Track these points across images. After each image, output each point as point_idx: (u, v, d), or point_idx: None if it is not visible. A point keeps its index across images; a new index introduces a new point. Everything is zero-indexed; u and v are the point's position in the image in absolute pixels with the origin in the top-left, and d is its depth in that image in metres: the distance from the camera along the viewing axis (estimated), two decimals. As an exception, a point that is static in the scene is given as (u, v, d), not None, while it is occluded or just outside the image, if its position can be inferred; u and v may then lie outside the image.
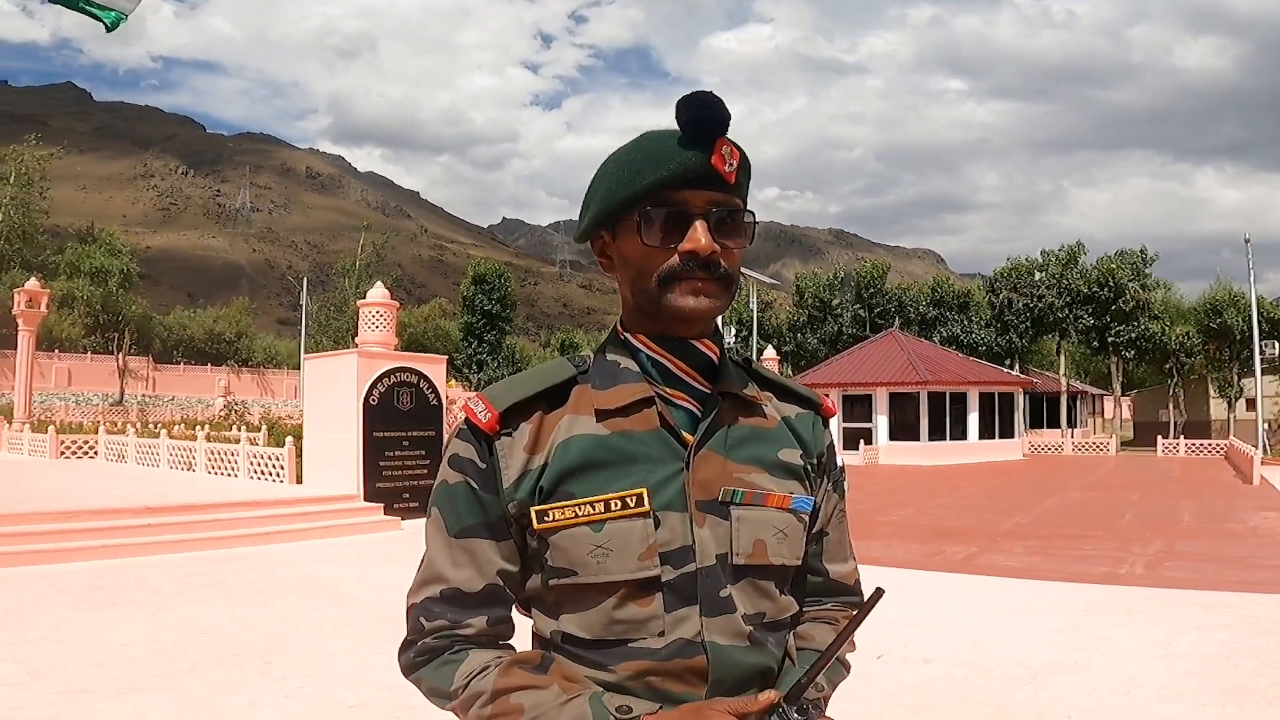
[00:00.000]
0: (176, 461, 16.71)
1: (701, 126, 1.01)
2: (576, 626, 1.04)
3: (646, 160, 1.03)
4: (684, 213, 1.03)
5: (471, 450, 1.07)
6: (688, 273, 1.02)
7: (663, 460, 1.05)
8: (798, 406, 1.20)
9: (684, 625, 1.03)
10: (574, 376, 1.10)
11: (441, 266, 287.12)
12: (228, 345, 72.41)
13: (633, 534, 1.02)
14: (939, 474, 23.15)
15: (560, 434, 1.06)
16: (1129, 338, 42.04)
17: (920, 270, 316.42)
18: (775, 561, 1.09)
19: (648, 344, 1.09)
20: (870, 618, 1.08)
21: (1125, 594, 7.46)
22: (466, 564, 1.06)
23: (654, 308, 1.05)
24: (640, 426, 1.06)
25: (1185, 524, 12.46)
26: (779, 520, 1.09)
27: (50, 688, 4.69)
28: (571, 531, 1.02)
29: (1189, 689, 4.80)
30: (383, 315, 14.73)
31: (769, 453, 1.12)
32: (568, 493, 1.03)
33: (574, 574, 1.03)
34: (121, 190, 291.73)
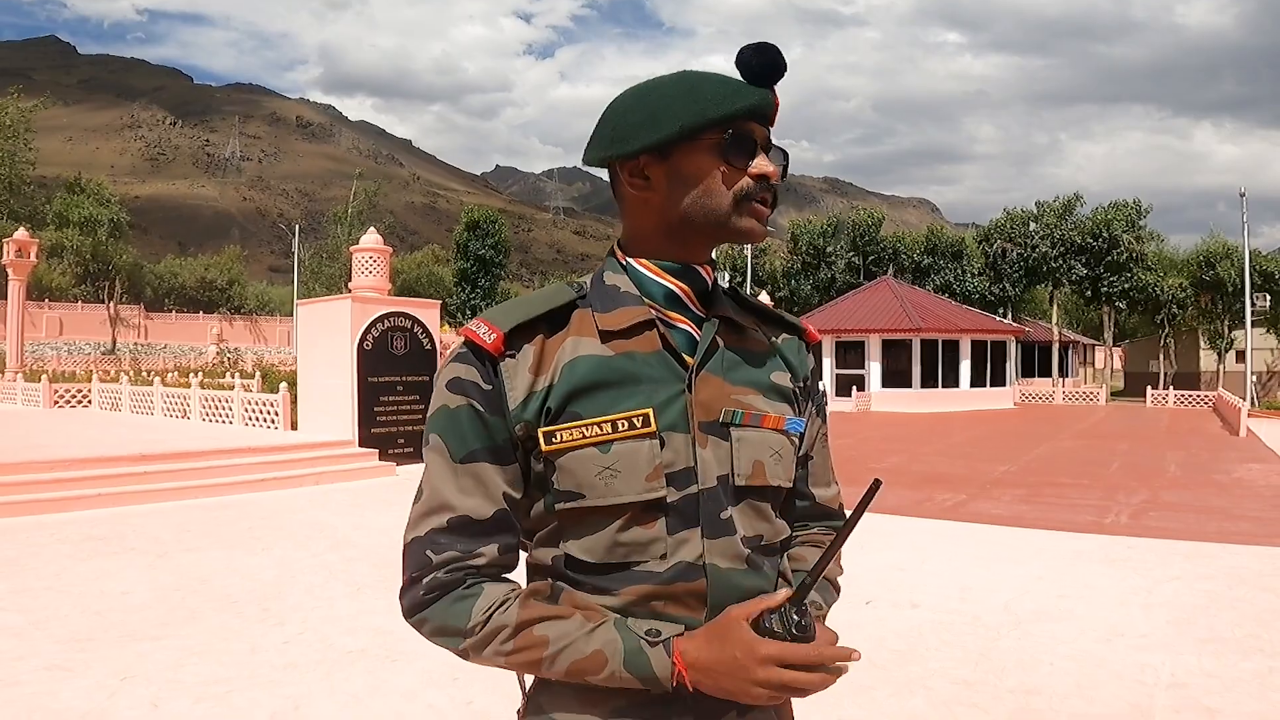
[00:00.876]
0: (171, 409, 16.74)
1: (769, 70, 1.07)
2: (580, 550, 1.05)
3: (729, 89, 1.07)
4: (754, 141, 1.09)
5: (474, 372, 1.06)
6: (760, 192, 1.09)
7: (666, 381, 1.07)
8: (784, 332, 1.24)
9: (685, 548, 1.05)
10: (574, 300, 1.11)
11: (434, 214, 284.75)
12: (220, 293, 72.07)
13: (640, 455, 1.03)
14: (930, 421, 23.33)
15: (565, 355, 1.07)
16: (1122, 289, 42.10)
17: (915, 219, 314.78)
18: (773, 482, 1.11)
19: (653, 269, 1.12)
20: (860, 563, 1.11)
21: (1109, 543, 7.59)
22: (474, 490, 1.05)
23: (719, 224, 1.09)
24: (643, 348, 1.08)
25: (1171, 474, 12.63)
26: (774, 441, 1.12)
27: (53, 636, 4.77)
28: (579, 453, 1.03)
29: (1168, 638, 4.90)
30: (376, 260, 14.66)
31: (762, 375, 1.15)
32: (575, 413, 1.04)
33: (581, 497, 1.04)
34: (109, 141, 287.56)
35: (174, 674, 4.19)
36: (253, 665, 4.35)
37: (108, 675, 4.16)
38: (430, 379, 13.80)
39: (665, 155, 1.09)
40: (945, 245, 47.01)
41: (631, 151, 1.09)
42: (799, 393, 1.20)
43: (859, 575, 6.14)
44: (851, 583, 6.09)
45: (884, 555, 6.95)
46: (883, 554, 7.00)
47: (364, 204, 60.80)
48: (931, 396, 28.85)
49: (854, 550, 6.99)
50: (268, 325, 69.43)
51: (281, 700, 3.90)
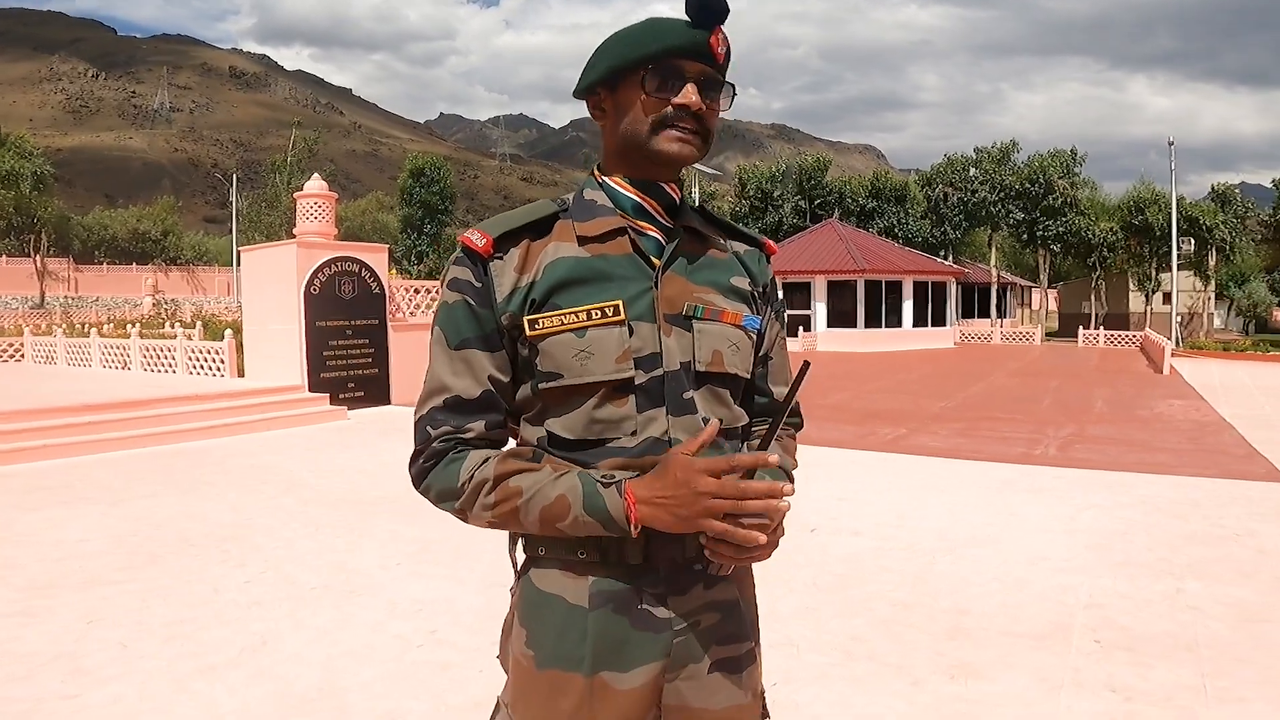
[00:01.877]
0: (109, 360, 16.35)
1: (706, 12, 1.21)
2: (561, 428, 1.22)
3: (659, 32, 1.23)
4: (682, 75, 1.22)
5: (468, 272, 1.24)
6: (678, 119, 1.22)
7: (635, 279, 1.24)
8: (745, 244, 1.42)
9: (653, 425, 1.21)
10: (556, 212, 1.29)
11: (377, 161, 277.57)
12: (153, 244, 69.69)
13: (610, 339, 1.20)
14: (874, 360, 23.83)
15: (548, 257, 1.24)
16: (1056, 232, 43.07)
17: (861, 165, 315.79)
18: (730, 370, 1.28)
19: (622, 184, 1.29)
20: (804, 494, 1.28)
21: (1037, 473, 7.97)
22: (465, 373, 1.22)
23: (641, 150, 1.24)
24: (615, 251, 1.25)
25: (1097, 410, 13.18)
26: (732, 335, 1.29)
27: (12, 585, 4.78)
28: (558, 337, 1.20)
29: (1087, 562, 5.19)
30: (321, 206, 14.40)
31: (722, 278, 1.32)
32: (555, 304, 1.20)
33: (560, 377, 1.20)
34: (25, 94, 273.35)
35: (140, 616, 4.27)
36: (217, 605, 4.44)
37: (73, 619, 4.21)
38: (379, 322, 13.91)
39: (613, 89, 1.27)
40: (889, 190, 47.44)
41: (586, 87, 1.30)
42: (757, 296, 1.37)
43: (803, 505, 6.39)
44: (796, 512, 6.37)
45: (827, 486, 7.24)
46: (826, 485, 7.28)
47: (303, 153, 58.88)
48: (875, 336, 29.43)
49: (799, 481, 7.23)
50: (206, 275, 67.56)
51: (249, 636, 4.00)
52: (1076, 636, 3.99)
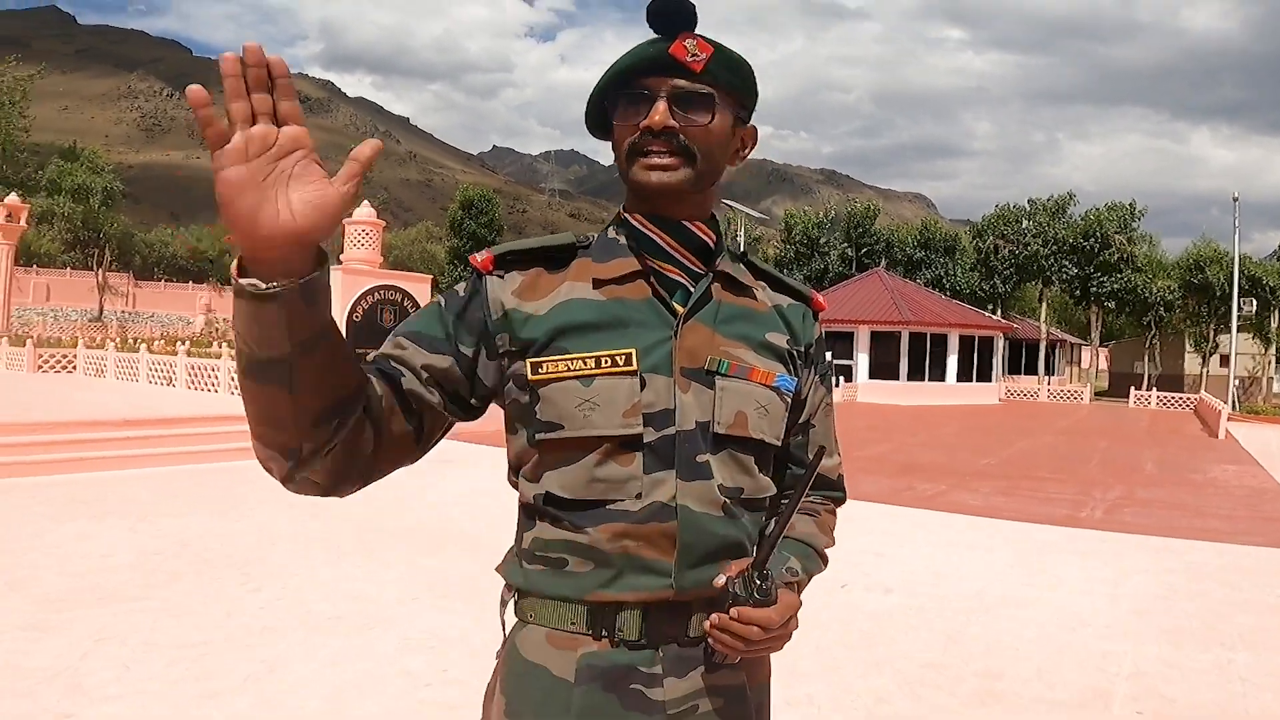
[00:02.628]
0: (156, 376, 16.68)
1: (664, 19, 1.09)
2: (558, 486, 1.09)
3: (622, 56, 1.13)
4: (649, 94, 1.10)
5: (462, 286, 1.15)
6: (646, 143, 1.10)
7: (653, 326, 1.11)
8: (789, 298, 1.27)
9: (660, 488, 1.08)
10: (574, 245, 1.18)
11: (430, 191, 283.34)
12: (210, 263, 71.60)
13: (619, 390, 1.08)
14: (915, 413, 23.44)
15: (560, 296, 1.12)
16: (1111, 289, 42.28)
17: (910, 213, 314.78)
18: (755, 435, 1.14)
19: (641, 221, 1.16)
20: (836, 548, 1.17)
21: (1081, 536, 7.69)
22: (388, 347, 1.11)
23: (627, 183, 1.14)
24: (634, 295, 1.13)
25: (1147, 472, 12.76)
26: (761, 395, 1.15)
27: (30, 597, 4.78)
28: (562, 384, 1.08)
29: (1131, 628, 4.99)
30: (368, 234, 14.63)
31: (756, 332, 1.18)
32: (561, 348, 1.09)
33: (560, 427, 1.08)
34: (104, 110, 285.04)
35: (149, 636, 4.23)
36: (229, 628, 4.39)
37: (83, 636, 4.19)
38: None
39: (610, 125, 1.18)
40: (938, 240, 47.10)
41: (591, 126, 1.21)
42: (797, 355, 1.23)
43: (835, 559, 6.19)
44: (829, 567, 6.14)
45: (861, 540, 7.03)
46: (860, 539, 7.08)
47: (359, 180, 60.34)
48: (918, 389, 28.98)
49: (836, 534, 7.06)
50: (257, 297, 69.05)
51: (256, 663, 3.94)
52: (1118, 706, 3.82)
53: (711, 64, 1.11)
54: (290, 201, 0.83)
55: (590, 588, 1.09)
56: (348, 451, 1.00)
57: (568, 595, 1.10)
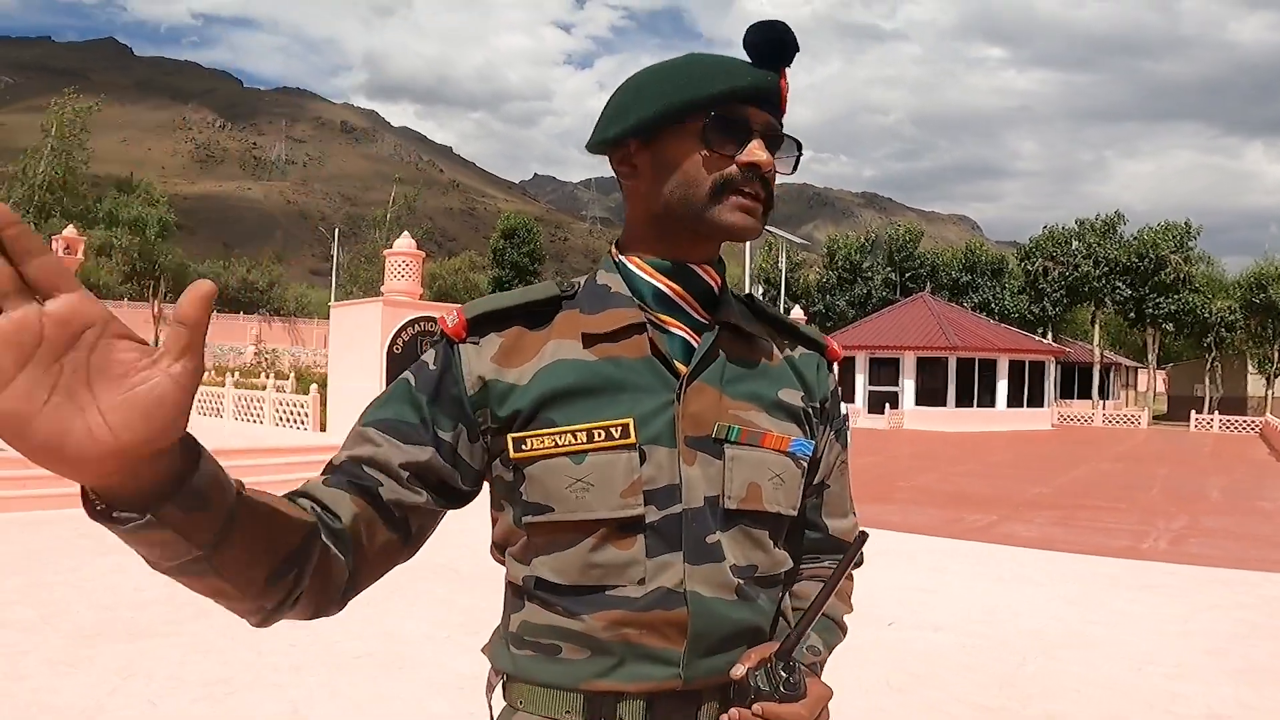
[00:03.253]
0: (204, 408, 16.95)
1: (776, 49, 0.98)
2: (550, 571, 0.96)
3: (721, 69, 0.98)
4: (748, 127, 0.98)
5: (432, 355, 1.00)
6: (746, 182, 0.97)
7: (652, 390, 0.97)
8: (802, 347, 1.13)
9: (666, 573, 0.95)
10: (558, 297, 1.02)
11: (472, 220, 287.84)
12: (260, 294, 73.23)
13: (615, 467, 0.94)
14: (964, 441, 22.93)
15: (544, 358, 0.98)
16: (1168, 311, 41.21)
17: (955, 236, 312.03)
18: (770, 509, 1.00)
19: (643, 267, 1.03)
20: (882, 584, 1.01)
21: (1145, 569, 7.34)
22: (353, 445, 0.95)
23: (695, 216, 0.98)
24: (630, 353, 0.99)
25: (1213, 500, 12.25)
26: (775, 463, 1.01)
27: (60, 631, 4.77)
28: (550, 462, 0.94)
29: (1203, 667, 4.71)
30: (408, 265, 14.72)
31: (768, 390, 1.04)
32: (548, 420, 0.95)
33: (550, 510, 0.95)
34: (161, 141, 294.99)
35: (176, 672, 4.16)
36: (257, 666, 4.30)
37: (110, 672, 4.13)
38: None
39: (650, 141, 1.00)
40: (984, 263, 46.41)
41: (616, 136, 1.02)
42: (813, 413, 1.09)
43: (881, 596, 5.98)
44: (873, 603, 5.95)
45: (908, 576, 6.77)
46: (907, 574, 6.81)
47: (403, 209, 61.58)
48: (966, 416, 28.40)
49: (877, 570, 6.82)
50: (305, 327, 70.36)
51: (282, 703, 3.84)
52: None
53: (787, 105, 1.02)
54: (101, 410, 0.55)
55: (587, 676, 0.94)
56: (321, 586, 0.85)
57: (562, 684, 0.96)
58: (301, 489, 0.90)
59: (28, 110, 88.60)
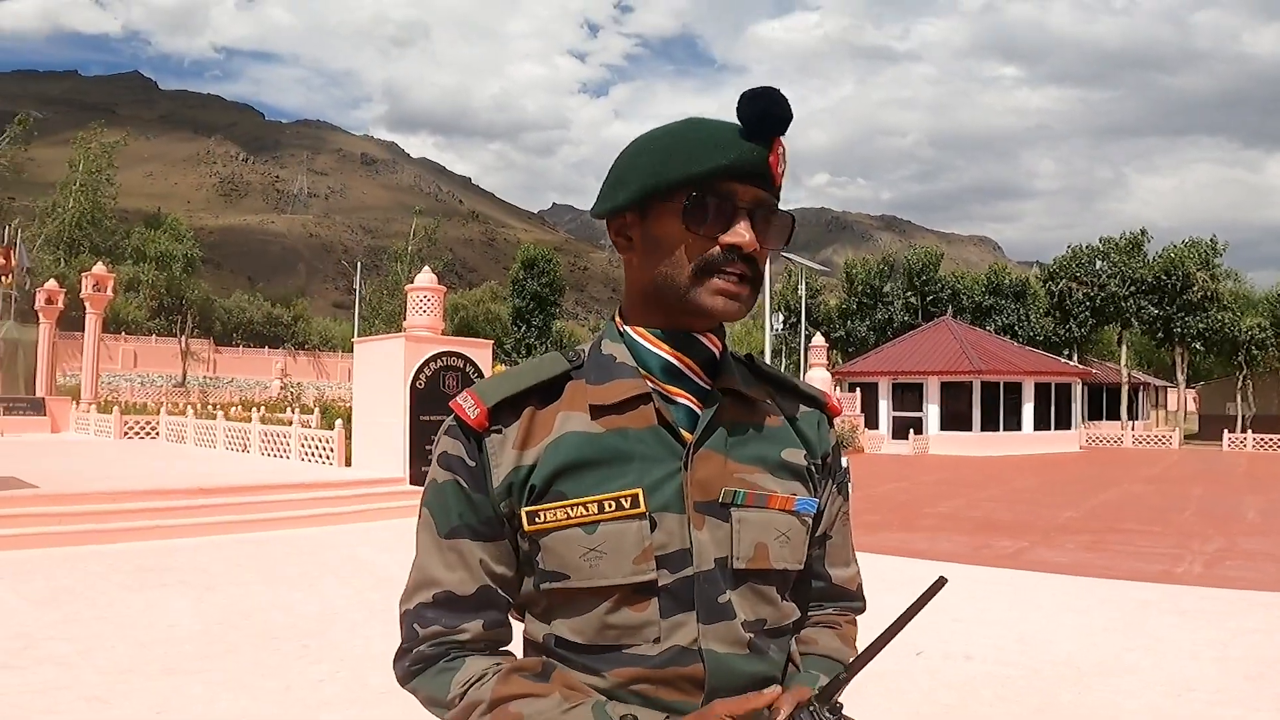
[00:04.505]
0: (232, 443, 17.12)
1: (767, 122, 0.97)
2: (569, 631, 1.00)
3: (707, 143, 0.99)
4: (734, 204, 0.99)
5: (460, 448, 1.03)
6: (728, 264, 0.99)
7: (660, 459, 1.00)
8: (803, 405, 1.16)
9: (680, 632, 0.99)
10: (568, 371, 1.05)
11: (492, 251, 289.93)
12: (285, 328, 74.01)
13: (627, 536, 0.98)
14: (991, 465, 22.70)
15: (553, 432, 1.01)
16: (1197, 329, 40.70)
17: (976, 257, 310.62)
18: (777, 566, 1.04)
19: (647, 337, 1.05)
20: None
21: (1181, 593, 7.22)
22: (457, 565, 1.02)
23: (678, 298, 1.01)
24: (636, 424, 1.01)
25: (1250, 520, 12.04)
26: (781, 523, 1.05)
27: (96, 666, 4.82)
28: (563, 533, 0.98)
29: (1244, 693, 4.63)
30: (429, 299, 14.84)
31: (772, 452, 1.07)
32: (560, 493, 0.99)
33: (565, 578, 0.99)
34: (185, 176, 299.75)
35: (207, 709, 4.19)
36: (286, 703, 4.33)
37: (143, 708, 4.17)
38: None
39: (644, 215, 1.03)
40: (1008, 285, 46.14)
41: (609, 210, 1.05)
42: (815, 470, 1.12)
43: (910, 625, 5.91)
44: (902, 633, 5.84)
45: (937, 604, 6.67)
46: (936, 603, 6.71)
47: (424, 241, 62.26)
48: (992, 440, 28.10)
49: (904, 599, 6.74)
50: (329, 361, 70.96)
51: (312, 740, 3.85)
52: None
53: (784, 176, 1.03)
54: None
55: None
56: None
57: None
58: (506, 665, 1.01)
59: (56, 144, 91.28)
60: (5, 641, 5.27)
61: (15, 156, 52.37)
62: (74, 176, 54.23)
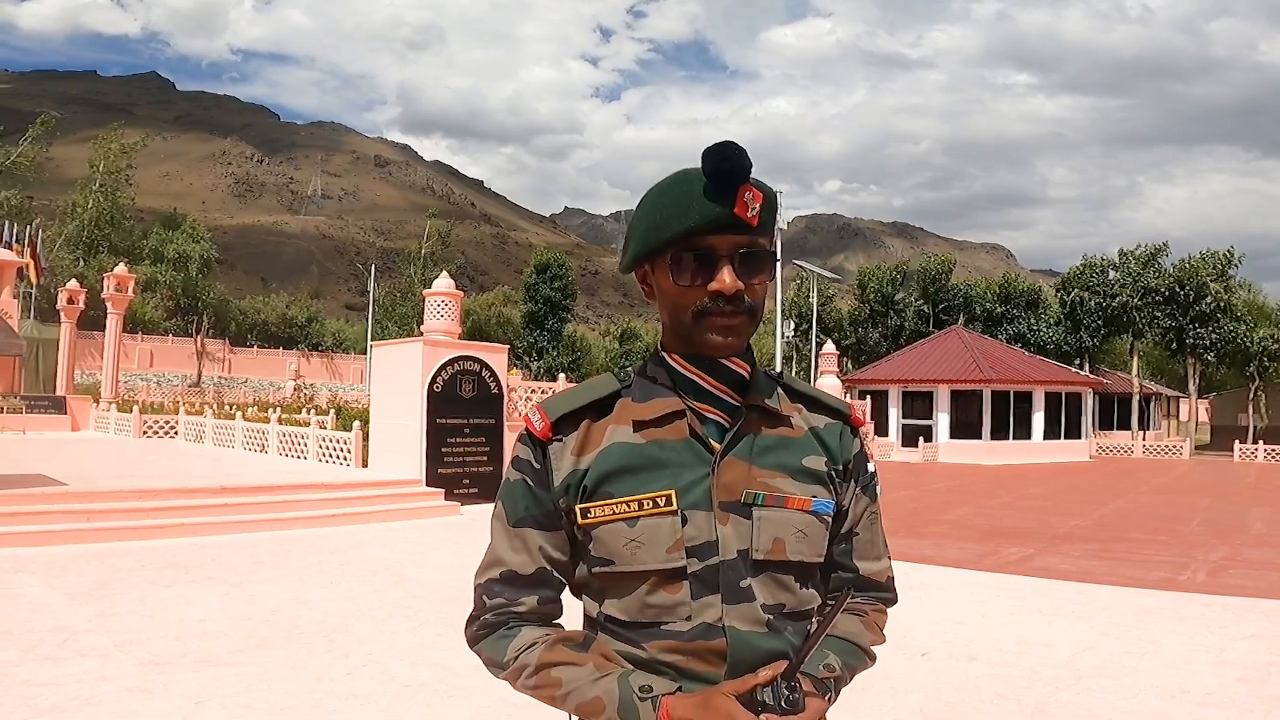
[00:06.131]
0: (250, 443, 17.37)
1: (725, 177, 1.14)
2: (616, 610, 1.22)
3: (676, 208, 1.17)
4: (711, 255, 1.17)
5: (529, 453, 1.27)
6: (716, 309, 1.18)
7: (691, 465, 1.21)
8: (826, 417, 1.34)
9: (707, 611, 1.19)
10: (618, 390, 1.28)
11: (505, 254, 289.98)
12: (299, 329, 74.38)
13: (661, 529, 1.19)
14: (1000, 474, 22.75)
15: (604, 442, 1.23)
16: (1209, 340, 40.55)
17: (989, 265, 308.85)
18: (794, 558, 1.23)
19: (681, 363, 1.26)
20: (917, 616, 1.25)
21: (1183, 600, 7.34)
22: (521, 550, 1.25)
23: (687, 339, 1.22)
24: (672, 436, 1.22)
25: (1255, 531, 12.11)
26: (799, 521, 1.23)
27: (135, 659, 5.03)
28: (609, 526, 1.20)
29: (1237, 696, 4.77)
30: (447, 305, 15.06)
31: (793, 460, 1.26)
32: (607, 493, 1.20)
33: (611, 563, 1.21)
34: (201, 177, 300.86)
35: (244, 699, 4.40)
36: (317, 694, 4.53)
37: (183, 699, 4.38)
38: (496, 422, 14.28)
39: (653, 269, 1.24)
40: (1020, 294, 46.06)
41: (625, 268, 1.29)
42: (836, 475, 1.30)
43: (915, 627, 6.08)
44: (907, 634, 6.05)
45: (943, 608, 6.85)
46: (942, 607, 6.90)
47: (436, 244, 62.52)
48: (1002, 448, 28.14)
49: (911, 603, 6.91)
50: (342, 362, 71.30)
51: (343, 728, 4.05)
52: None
53: (763, 213, 1.18)
54: None
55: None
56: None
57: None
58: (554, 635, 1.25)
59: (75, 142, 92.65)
60: (46, 634, 5.49)
61: (36, 156, 52.90)
62: (94, 176, 54.74)
